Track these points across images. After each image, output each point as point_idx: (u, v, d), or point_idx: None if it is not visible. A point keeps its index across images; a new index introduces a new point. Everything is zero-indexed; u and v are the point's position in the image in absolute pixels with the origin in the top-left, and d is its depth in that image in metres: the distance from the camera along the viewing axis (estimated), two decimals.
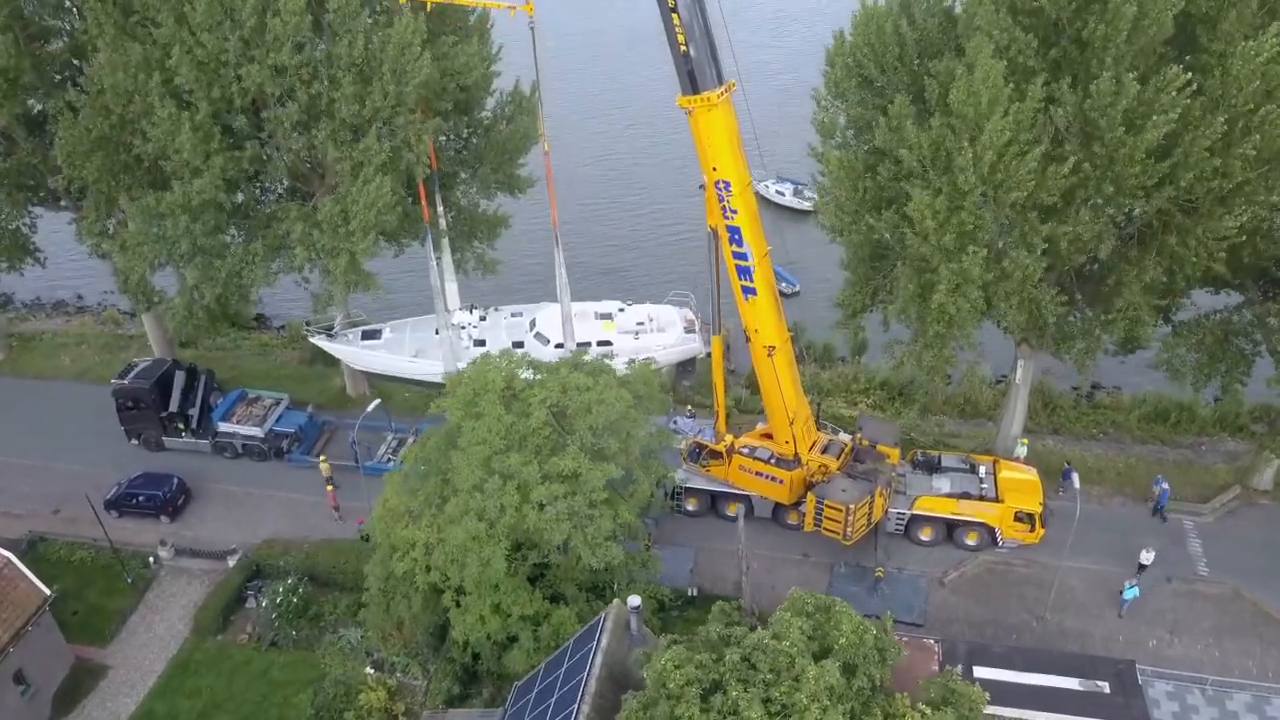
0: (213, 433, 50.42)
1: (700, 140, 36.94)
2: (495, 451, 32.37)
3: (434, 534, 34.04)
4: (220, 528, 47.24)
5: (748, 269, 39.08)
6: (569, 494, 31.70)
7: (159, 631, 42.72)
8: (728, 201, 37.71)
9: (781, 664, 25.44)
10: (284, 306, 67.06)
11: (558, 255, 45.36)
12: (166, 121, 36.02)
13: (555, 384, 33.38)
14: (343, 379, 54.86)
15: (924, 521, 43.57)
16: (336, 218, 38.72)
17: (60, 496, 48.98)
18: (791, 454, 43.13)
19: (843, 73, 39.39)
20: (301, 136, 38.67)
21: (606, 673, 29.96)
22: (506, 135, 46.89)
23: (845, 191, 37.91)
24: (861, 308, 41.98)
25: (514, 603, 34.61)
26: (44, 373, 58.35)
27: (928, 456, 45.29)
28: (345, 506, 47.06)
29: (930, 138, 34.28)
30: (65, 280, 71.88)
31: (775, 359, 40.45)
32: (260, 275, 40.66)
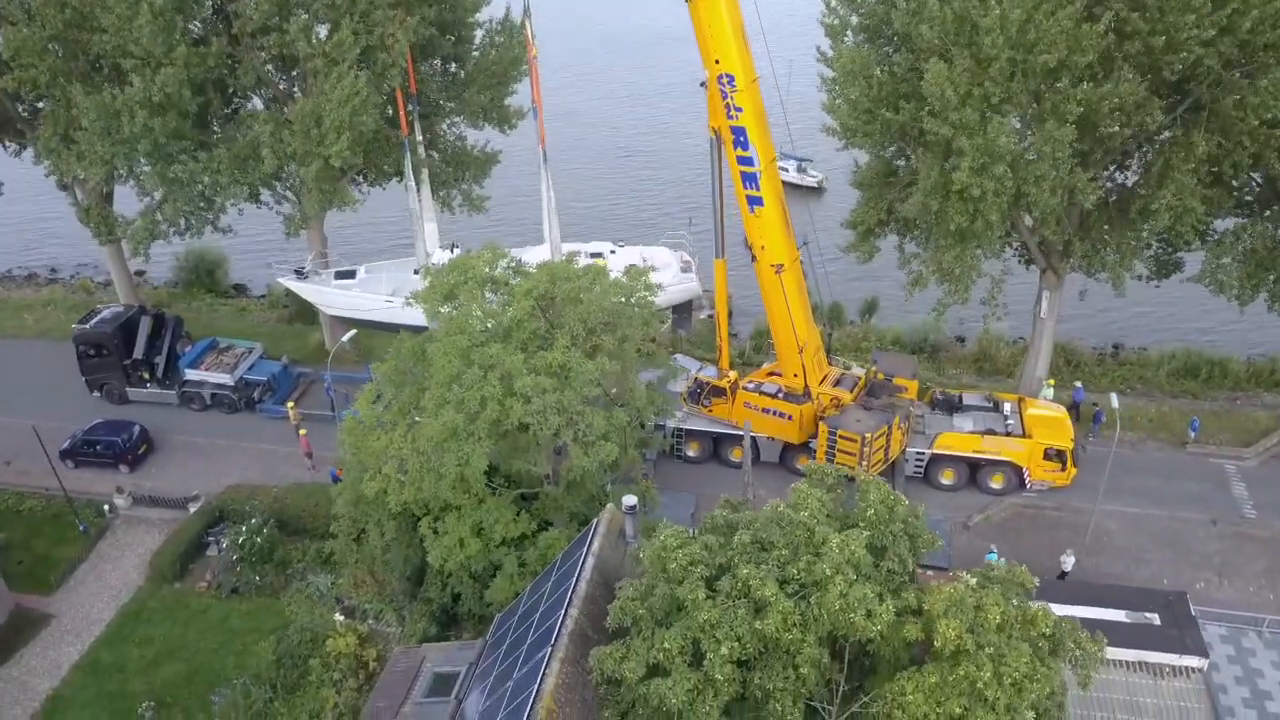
0: (180, 382, 47.05)
1: (701, 30, 34.27)
2: (475, 344, 29.08)
3: (408, 444, 30.57)
4: (183, 477, 43.70)
5: (753, 175, 36.15)
6: (558, 389, 28.31)
7: (110, 580, 39.02)
8: (731, 99, 34.93)
9: (799, 538, 21.99)
10: (262, 276, 64.34)
11: (544, 175, 42.16)
12: (123, 4, 33.17)
13: (543, 274, 30.18)
14: (322, 334, 51.62)
15: (945, 463, 40.12)
16: (308, 119, 35.75)
17: (13, 450, 45.44)
18: (801, 387, 39.81)
19: None
20: (272, 32, 35.81)
21: (599, 577, 26.43)
22: (494, 60, 44.19)
23: (859, 88, 35.02)
24: (876, 224, 38.87)
25: (497, 522, 31.07)
26: (4, 331, 55.11)
27: (947, 395, 41.99)
28: (319, 456, 43.62)
29: (953, 10, 31.46)
30: (39, 257, 69.35)
31: (784, 278, 37.34)
32: (225, 185, 37.53)
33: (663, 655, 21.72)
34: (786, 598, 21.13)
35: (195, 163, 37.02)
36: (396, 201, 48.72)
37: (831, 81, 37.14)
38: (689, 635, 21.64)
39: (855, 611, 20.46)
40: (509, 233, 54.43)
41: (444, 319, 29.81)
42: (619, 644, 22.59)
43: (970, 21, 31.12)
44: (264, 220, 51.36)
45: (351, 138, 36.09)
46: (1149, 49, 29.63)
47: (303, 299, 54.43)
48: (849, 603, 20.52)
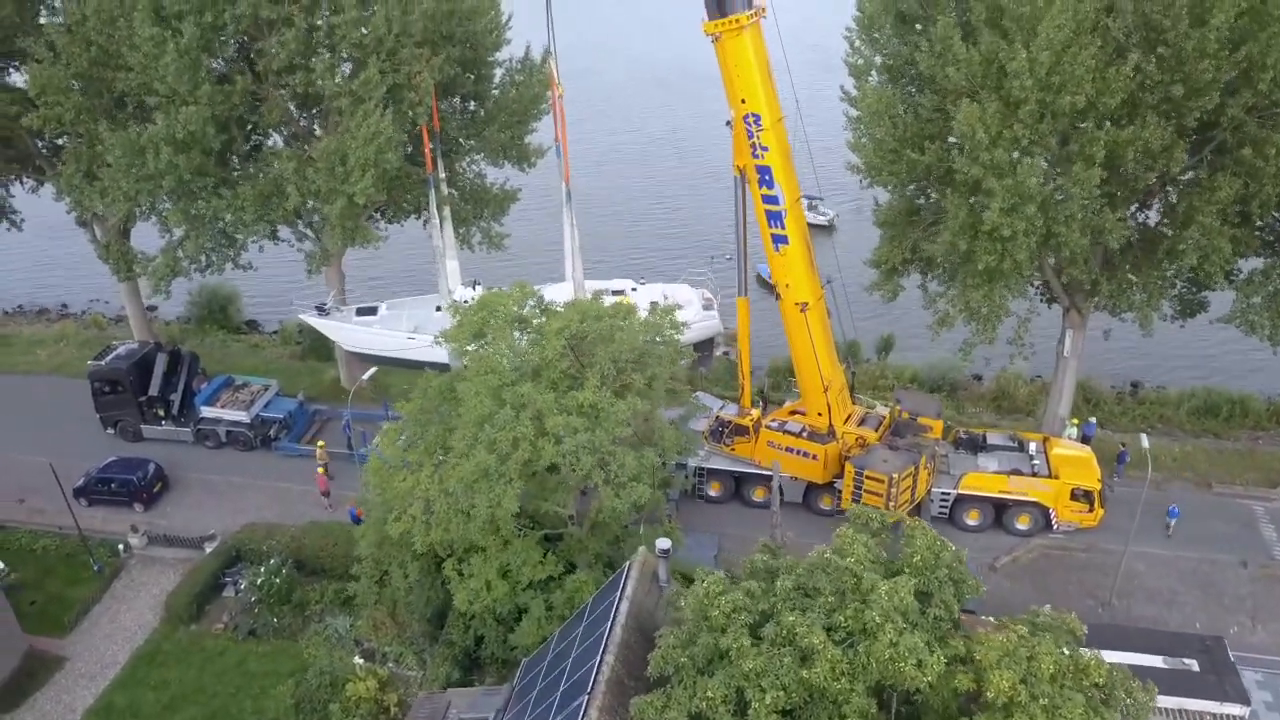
0: (195, 419, 46.65)
1: (727, 70, 34.42)
2: (506, 382, 28.78)
3: (435, 485, 30.14)
4: (198, 516, 43.19)
5: (779, 214, 36.12)
6: (589, 428, 27.99)
7: (125, 622, 38.39)
8: (757, 138, 34.99)
9: (846, 583, 21.57)
10: (275, 312, 64.26)
11: (568, 213, 42.13)
12: (149, 43, 33.19)
13: (573, 312, 29.95)
14: (337, 370, 51.36)
15: (970, 503, 39.70)
16: (333, 156, 35.68)
17: (26, 487, 44.99)
18: (825, 427, 39.49)
19: (879, 8, 37.02)
20: (297, 71, 35.83)
21: (634, 623, 25.90)
22: (515, 99, 44.30)
23: (884, 128, 35.05)
24: (900, 262, 38.76)
25: (524, 563, 30.58)
26: (16, 367, 54.77)
27: (971, 435, 41.66)
28: (336, 495, 43.16)
29: (980, 53, 31.55)
30: (48, 290, 69.21)
31: (808, 317, 37.16)
32: (249, 222, 37.39)
33: (706, 704, 21.21)
34: (834, 646, 20.68)
35: (219, 199, 36.92)
36: (411, 239, 48.71)
37: (856, 120, 37.19)
38: (733, 684, 21.14)
39: (906, 661, 20.01)
40: (527, 270, 54.18)
41: (473, 358, 29.51)
42: (660, 693, 22.08)
43: (997, 64, 31.20)
44: (276, 257, 51.32)
45: (376, 175, 36.02)
46: (1169, 97, 29.71)
47: (317, 336, 54.39)
48: (899, 652, 20.07)
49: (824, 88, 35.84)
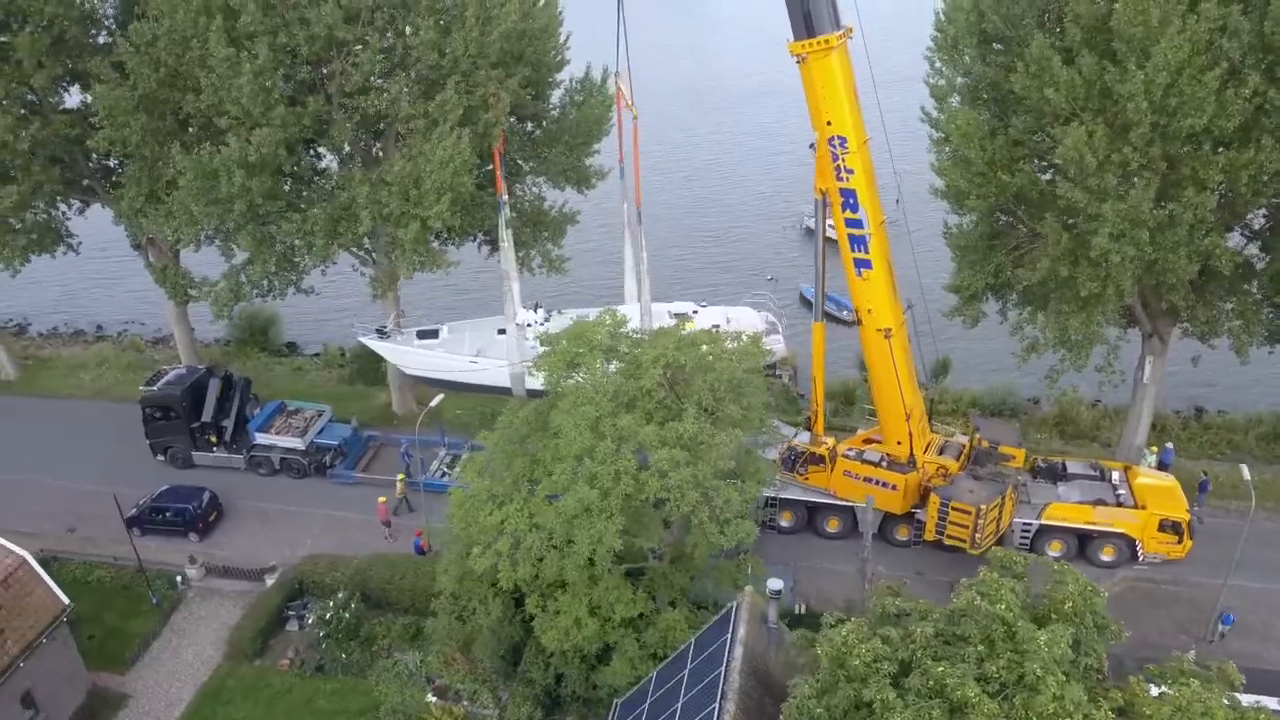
0: (248, 445, 45.64)
1: (813, 91, 33.59)
2: (603, 414, 27.81)
3: (525, 519, 29.14)
4: (254, 545, 42.12)
5: (862, 239, 35.24)
6: (690, 462, 27.01)
7: (186, 657, 37.28)
8: (842, 160, 34.11)
9: (995, 631, 20.51)
10: (316, 335, 63.46)
11: (639, 238, 41.33)
12: (224, 64, 32.35)
13: (668, 341, 29.00)
14: (389, 394, 50.39)
15: (1053, 534, 38.60)
16: (407, 179, 34.81)
17: (76, 515, 44.01)
18: (906, 455, 38.46)
19: (962, 29, 36.24)
20: (369, 92, 35.03)
21: (749, 668, 24.86)
22: (576, 120, 43.52)
23: (974, 150, 34.20)
24: (983, 288, 37.83)
25: (617, 601, 29.52)
26: (60, 391, 53.84)
27: (1050, 463, 40.59)
28: (397, 525, 42.13)
29: (1083, 75, 30.72)
30: (83, 311, 68.33)
31: (892, 343, 36.22)
32: (320, 247, 36.48)
33: None
34: (989, 699, 19.61)
35: (288, 223, 36.05)
36: (469, 263, 47.84)
37: (941, 143, 36.37)
38: None
39: (1073, 717, 18.95)
40: (584, 292, 53.58)
41: (569, 389, 28.52)
42: None
43: (1100, 86, 30.38)
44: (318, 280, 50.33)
45: (451, 199, 35.15)
46: None
47: (365, 360, 53.51)
48: (1064, 706, 19.02)
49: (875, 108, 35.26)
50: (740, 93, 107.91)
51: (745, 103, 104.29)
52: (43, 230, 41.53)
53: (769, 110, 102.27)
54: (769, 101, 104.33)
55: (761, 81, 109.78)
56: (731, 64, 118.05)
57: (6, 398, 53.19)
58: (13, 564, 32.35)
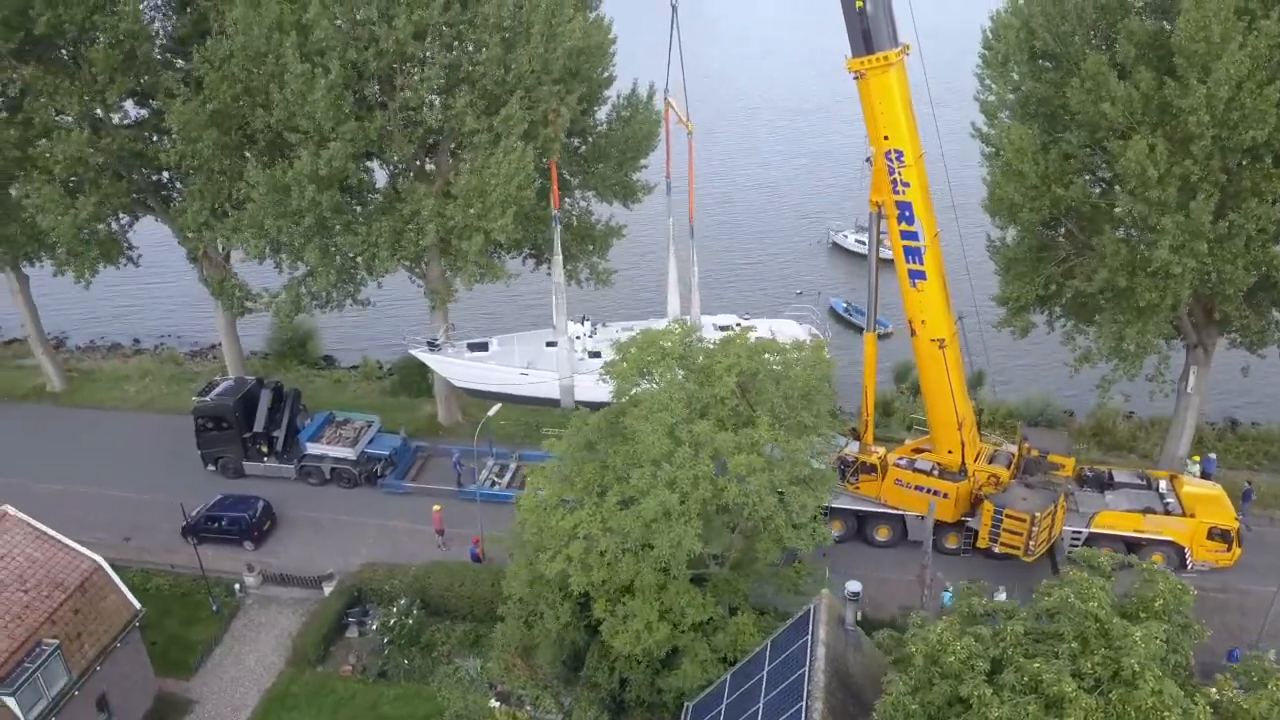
0: (299, 455, 46.19)
1: (871, 107, 34.36)
2: (679, 420, 28.40)
3: (597, 523, 29.68)
4: (308, 554, 42.69)
5: (917, 250, 35.95)
6: (767, 468, 27.60)
7: (249, 663, 37.75)
8: (899, 174, 34.87)
9: (1089, 630, 21.05)
10: (350, 347, 64.15)
11: (691, 252, 42.11)
12: (299, 80, 33.10)
13: (740, 349, 29.64)
14: (433, 405, 50.99)
15: (1102, 542, 38.80)
16: (472, 193, 35.54)
17: (130, 524, 44.54)
18: (957, 464, 39.03)
19: (1012, 46, 37.10)
20: (433, 107, 35.83)
21: (831, 668, 25.35)
22: (625, 136, 44.29)
23: (1028, 164, 34.96)
24: (1034, 299, 38.50)
25: (689, 605, 30.00)
26: (106, 403, 54.42)
27: (1097, 472, 41.13)
28: (450, 533, 42.58)
29: (1140, 90, 31.50)
30: (119, 326, 68.93)
31: (946, 354, 36.86)
32: (383, 259, 37.18)
33: None
34: (1086, 694, 20.13)
35: (354, 236, 36.73)
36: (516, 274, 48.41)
37: (993, 157, 37.12)
38: None
39: (1172, 711, 19.45)
40: (626, 305, 54.26)
41: (645, 396, 29.10)
42: None
43: (1158, 100, 31.15)
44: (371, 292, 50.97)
45: (514, 212, 35.87)
46: None
47: (409, 371, 54.20)
48: (1163, 700, 19.52)
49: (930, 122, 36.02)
50: (764, 110, 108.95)
51: (770, 119, 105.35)
52: (108, 243, 42.24)
53: (794, 127, 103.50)
54: (795, 119, 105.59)
55: (786, 99, 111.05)
56: (751, 82, 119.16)
57: (55, 408, 53.79)
58: (88, 569, 32.88)
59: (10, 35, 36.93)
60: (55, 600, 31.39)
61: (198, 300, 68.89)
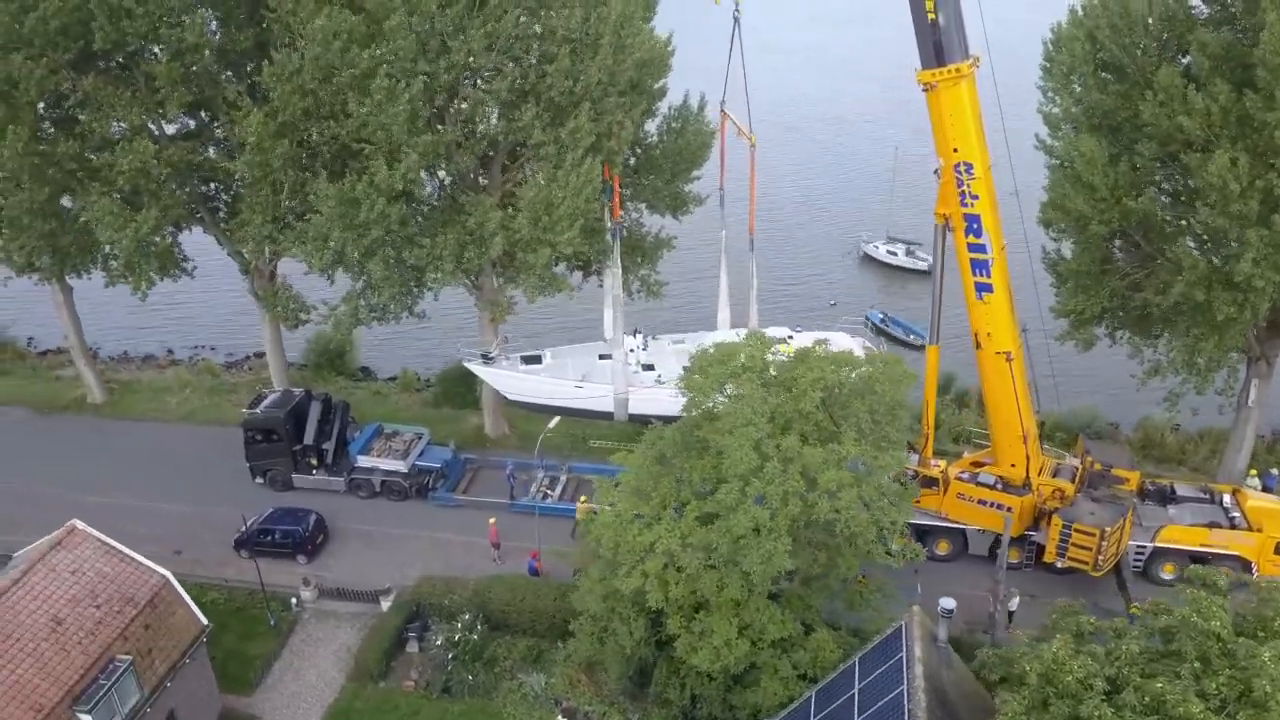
0: (349, 468, 45.90)
1: (941, 119, 34.21)
2: (765, 435, 28.16)
3: (676, 539, 29.44)
4: (361, 567, 42.31)
5: (985, 263, 35.74)
6: (856, 483, 27.37)
7: (309, 679, 37.39)
8: (968, 186, 34.68)
9: (1210, 649, 20.80)
10: (385, 357, 64.01)
11: (751, 266, 42.08)
12: (382, 92, 32.88)
13: (823, 362, 29.42)
14: (479, 417, 50.74)
15: (1168, 556, 38.84)
16: (539, 206, 35.36)
17: (180, 538, 44.15)
18: (1020, 478, 38.76)
19: (1078, 58, 37.00)
20: (502, 119, 35.66)
21: (929, 685, 25.06)
22: (678, 148, 44.13)
23: (1098, 176, 34.82)
24: (1100, 312, 38.30)
25: (770, 621, 29.72)
26: (148, 414, 54.06)
27: (1159, 486, 40.88)
28: (505, 547, 42.24)
29: (1219, 104, 31.39)
30: (147, 336, 68.60)
31: (1012, 366, 36.65)
32: (448, 272, 36.96)
33: None
34: (1213, 715, 19.86)
35: (419, 249, 36.52)
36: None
37: (1058, 168, 36.97)
38: None
39: None
40: (674, 316, 54.03)
41: (727, 410, 28.84)
42: None
43: (1240, 113, 31.02)
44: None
45: (581, 225, 35.73)
46: None
47: (453, 383, 54.03)
48: None
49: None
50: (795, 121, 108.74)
51: (803, 130, 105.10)
52: (166, 256, 42.03)
53: (826, 137, 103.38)
54: (826, 128, 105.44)
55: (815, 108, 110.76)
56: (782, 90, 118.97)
57: (96, 419, 53.48)
58: (157, 583, 32.61)
59: (69, 46, 36.75)
60: (127, 616, 31.10)
61: (231, 311, 69.01)
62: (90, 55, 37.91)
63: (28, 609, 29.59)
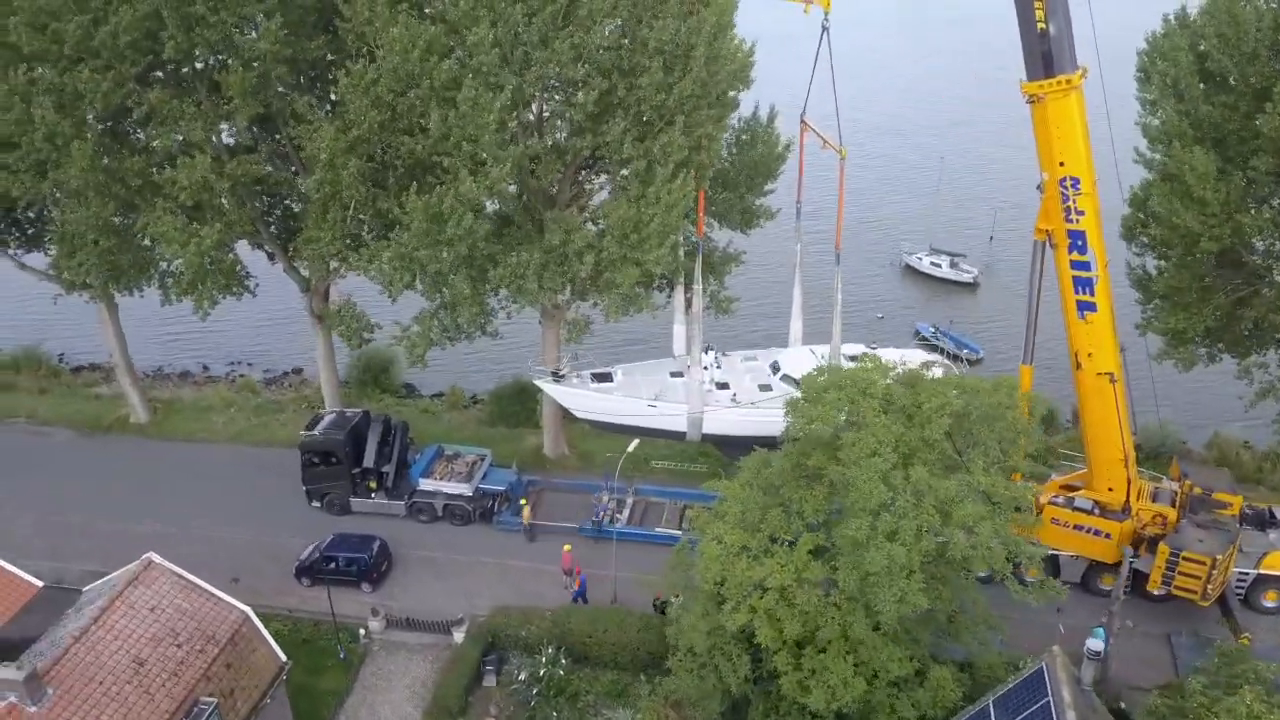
0: (410, 491, 44.43)
1: (1048, 132, 33.03)
2: (892, 466, 26.76)
3: (790, 574, 28.04)
4: (428, 596, 40.85)
5: (1089, 281, 34.49)
6: (989, 516, 26.00)
7: (384, 714, 35.93)
8: (1073, 202, 33.45)
9: None
10: (427, 376, 62.40)
11: (837, 281, 40.89)
12: (469, 103, 31.48)
13: (948, 388, 28.07)
14: (536, 437, 49.33)
15: (1271, 584, 37.54)
16: (627, 223, 33.98)
17: (236, 565, 42.33)
18: (1119, 503, 37.41)
19: (1184, 69, 35.79)
20: (587, 133, 34.28)
21: None
22: (750, 160, 42.83)
23: (1210, 191, 33.57)
24: (1200, 332, 37.05)
25: (889, 659, 28.28)
26: (195, 435, 52.56)
27: (1257, 510, 39.56)
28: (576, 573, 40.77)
29: None
30: (178, 350, 67.01)
31: (1116, 388, 35.36)
32: (533, 291, 35.55)
33: None
34: None
35: (504, 267, 35.11)
36: None
37: (1161, 183, 35.73)
38: None
39: None
40: (745, 333, 52.68)
41: (850, 439, 27.44)
42: None
43: None
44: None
45: (671, 243, 34.41)
46: None
47: (508, 401, 52.71)
48: None
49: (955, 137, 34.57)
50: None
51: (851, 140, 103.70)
52: (230, 272, 40.58)
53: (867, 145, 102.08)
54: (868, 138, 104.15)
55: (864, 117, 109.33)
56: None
57: (142, 440, 51.99)
58: (237, 620, 31.19)
59: (139, 59, 35.35)
60: (209, 655, 29.66)
61: (264, 325, 67.54)
62: (156, 66, 36.54)
63: (109, 649, 28.13)
